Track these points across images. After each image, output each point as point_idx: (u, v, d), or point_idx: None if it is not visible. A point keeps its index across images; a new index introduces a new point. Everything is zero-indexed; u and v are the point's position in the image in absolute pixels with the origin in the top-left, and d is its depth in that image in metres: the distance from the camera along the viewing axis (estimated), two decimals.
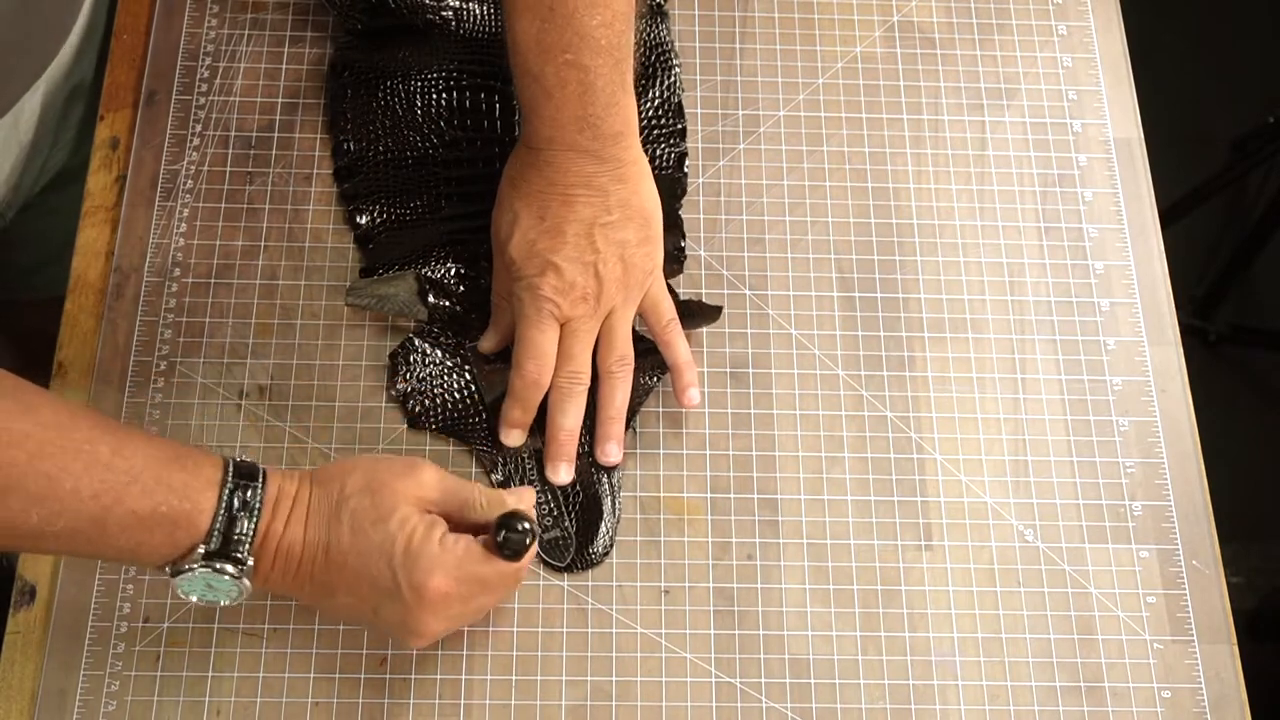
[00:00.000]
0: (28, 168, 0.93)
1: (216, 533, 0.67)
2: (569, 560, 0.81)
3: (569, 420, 0.82)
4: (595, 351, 0.83)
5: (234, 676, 0.78)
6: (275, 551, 0.70)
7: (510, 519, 0.71)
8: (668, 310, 0.84)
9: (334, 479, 0.71)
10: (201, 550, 0.67)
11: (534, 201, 0.81)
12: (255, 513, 0.68)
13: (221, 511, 0.68)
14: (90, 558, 0.79)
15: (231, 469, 0.69)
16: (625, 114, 0.81)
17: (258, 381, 0.85)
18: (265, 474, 0.70)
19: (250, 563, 0.68)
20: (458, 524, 0.73)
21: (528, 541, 0.71)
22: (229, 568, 0.68)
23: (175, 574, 0.68)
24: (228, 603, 0.70)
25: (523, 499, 0.75)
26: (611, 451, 0.83)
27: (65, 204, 0.95)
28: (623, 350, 0.83)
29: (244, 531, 0.68)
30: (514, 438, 0.83)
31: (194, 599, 0.70)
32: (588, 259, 0.81)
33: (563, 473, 0.82)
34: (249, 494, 0.68)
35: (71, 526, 0.65)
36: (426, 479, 0.72)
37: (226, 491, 0.68)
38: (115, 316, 0.86)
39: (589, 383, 0.83)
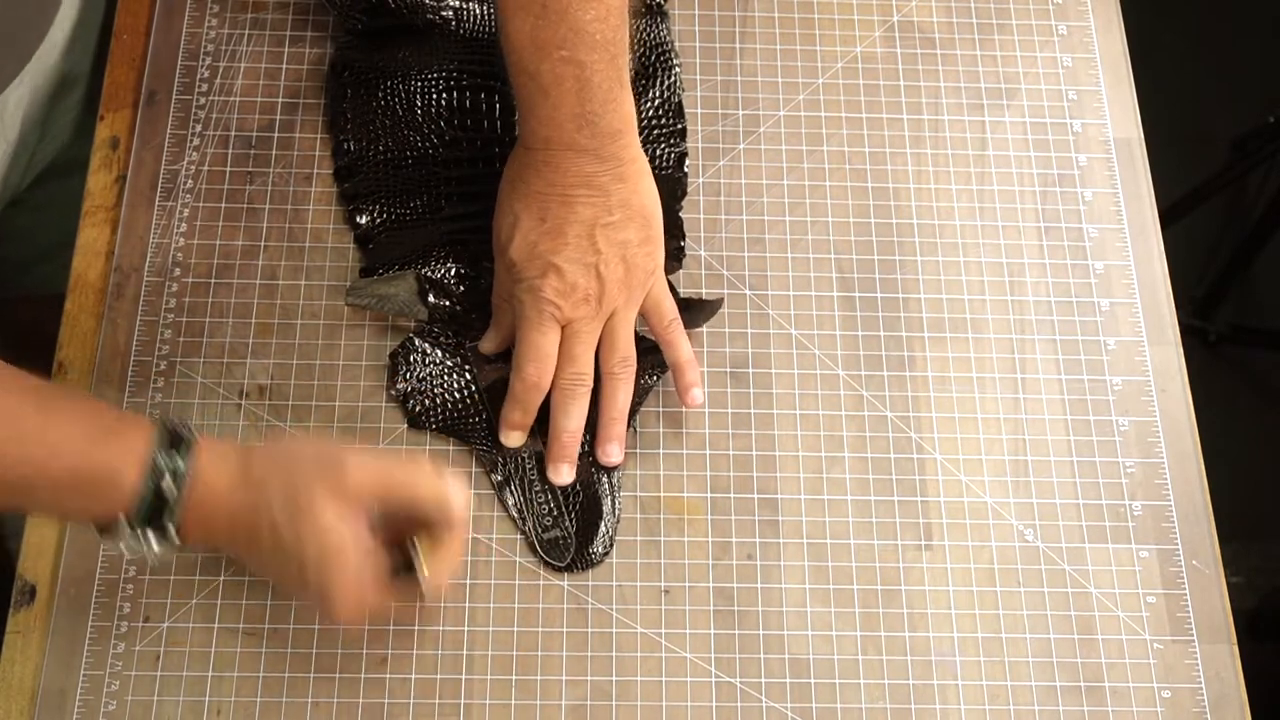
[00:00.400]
0: (14, 163, 0.93)
1: (141, 502, 0.68)
2: (569, 560, 0.81)
3: (572, 422, 0.82)
4: (597, 352, 0.83)
5: (234, 676, 0.78)
6: (198, 520, 0.69)
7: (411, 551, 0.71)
8: (669, 310, 0.84)
9: (268, 465, 0.70)
10: (125, 518, 0.68)
11: (534, 203, 0.81)
12: (180, 484, 0.68)
13: (147, 483, 0.68)
14: (20, 512, 0.80)
15: (159, 440, 0.68)
16: (623, 111, 0.81)
17: (258, 381, 0.85)
18: (195, 445, 0.69)
19: (172, 531, 0.69)
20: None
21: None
22: (151, 534, 0.68)
23: (101, 533, 0.69)
24: (154, 562, 0.72)
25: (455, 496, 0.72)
26: (613, 452, 0.83)
27: (56, 200, 0.95)
28: (625, 351, 0.83)
29: (168, 503, 0.68)
30: (514, 439, 0.83)
31: (125, 553, 0.70)
32: (589, 260, 0.80)
33: (565, 473, 0.82)
34: (176, 465, 0.68)
35: None
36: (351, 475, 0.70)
37: (152, 464, 0.68)
38: (115, 316, 0.86)
39: (592, 384, 0.83)
